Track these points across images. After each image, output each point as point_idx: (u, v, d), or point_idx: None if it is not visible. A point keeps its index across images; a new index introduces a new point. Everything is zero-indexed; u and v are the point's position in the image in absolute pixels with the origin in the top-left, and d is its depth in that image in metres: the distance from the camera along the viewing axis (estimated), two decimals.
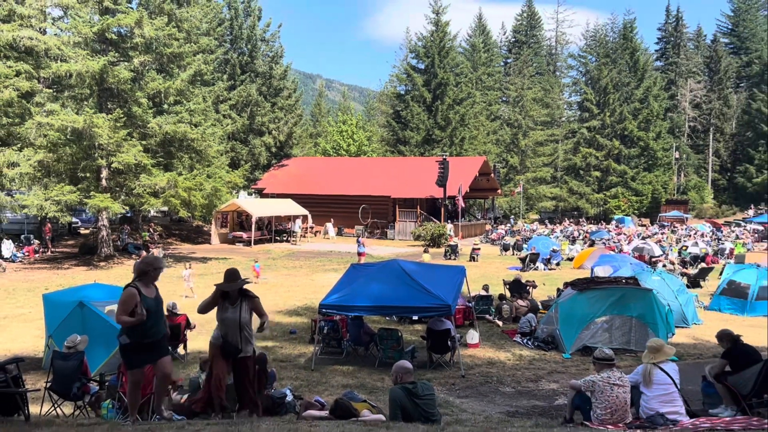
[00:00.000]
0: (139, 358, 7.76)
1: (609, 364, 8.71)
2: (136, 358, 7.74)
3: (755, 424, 7.01)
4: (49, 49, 31.34)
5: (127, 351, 7.72)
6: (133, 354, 7.69)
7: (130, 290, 7.54)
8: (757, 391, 9.30)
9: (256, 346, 15.30)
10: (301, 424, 7.30)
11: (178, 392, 12.09)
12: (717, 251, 39.16)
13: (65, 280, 27.18)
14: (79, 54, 31.29)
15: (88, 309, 14.42)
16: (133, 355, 7.71)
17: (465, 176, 49.51)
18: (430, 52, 67.47)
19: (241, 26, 54.93)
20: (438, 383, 12.75)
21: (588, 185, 74.58)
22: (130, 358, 7.80)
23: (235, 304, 8.31)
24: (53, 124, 29.68)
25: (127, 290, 7.56)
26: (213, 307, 8.38)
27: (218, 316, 8.35)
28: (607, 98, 74.73)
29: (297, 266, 33.24)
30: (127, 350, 7.69)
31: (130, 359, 7.79)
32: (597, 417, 8.30)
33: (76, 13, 32.37)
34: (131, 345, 7.60)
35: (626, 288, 17.25)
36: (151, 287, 7.82)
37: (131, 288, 7.57)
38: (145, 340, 7.62)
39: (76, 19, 32.27)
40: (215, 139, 37.87)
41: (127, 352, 7.73)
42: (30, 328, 18.22)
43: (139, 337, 7.57)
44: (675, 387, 8.53)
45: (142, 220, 45.60)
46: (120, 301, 7.50)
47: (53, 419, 9.45)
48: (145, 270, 7.80)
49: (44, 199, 30.21)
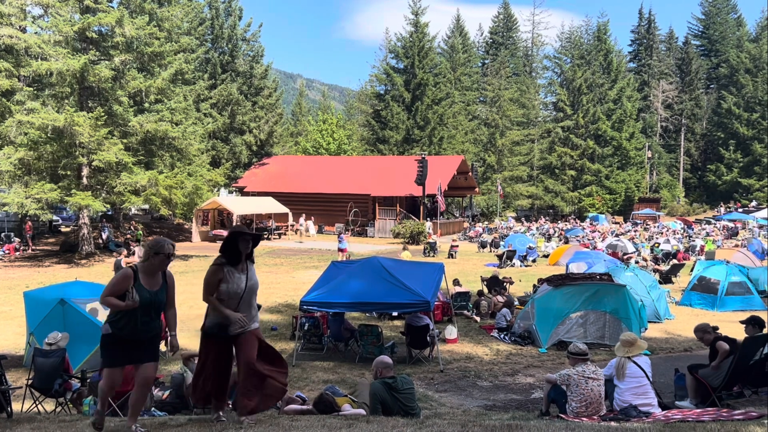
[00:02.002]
0: (118, 355, 6.31)
1: (583, 358, 8.77)
2: (116, 354, 6.30)
3: (724, 415, 7.08)
4: (29, 47, 31.12)
5: (106, 344, 6.31)
6: (112, 349, 6.27)
7: (126, 270, 6.35)
8: (727, 384, 9.40)
9: None
10: (283, 419, 7.28)
11: (160, 389, 12.03)
12: (688, 248, 39.51)
13: (46, 278, 26.93)
14: (60, 52, 31.06)
15: (70, 306, 14.33)
16: (112, 350, 6.28)
17: (444, 175, 49.69)
18: (409, 52, 67.55)
19: (222, 26, 54.71)
20: (417, 378, 12.77)
21: (563, 184, 75.02)
22: (108, 353, 6.34)
23: (243, 270, 6.61)
24: (34, 122, 29.49)
25: (124, 270, 6.41)
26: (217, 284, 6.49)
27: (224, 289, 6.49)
28: (581, 99, 75.21)
29: (278, 263, 33.14)
30: (107, 343, 6.29)
31: (109, 354, 6.34)
32: (572, 410, 8.34)
33: (57, 11, 32.09)
34: (111, 338, 6.24)
35: (600, 284, 17.38)
36: (156, 277, 6.40)
37: (128, 270, 6.34)
38: (130, 336, 6.26)
39: (56, 17, 32.00)
40: (196, 138, 37.68)
41: (106, 346, 6.31)
42: (11, 325, 18.04)
43: (124, 332, 6.22)
44: (647, 380, 8.62)
45: (123, 218, 45.32)
46: (111, 281, 6.37)
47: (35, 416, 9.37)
48: (146, 255, 6.45)
49: (25, 196, 29.97)
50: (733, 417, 6.71)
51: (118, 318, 6.24)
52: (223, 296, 6.42)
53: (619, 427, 5.98)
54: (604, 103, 75.66)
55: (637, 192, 75.65)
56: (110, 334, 6.23)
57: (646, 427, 6.09)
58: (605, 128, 74.45)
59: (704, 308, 21.76)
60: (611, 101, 76.08)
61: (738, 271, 23.71)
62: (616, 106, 76.04)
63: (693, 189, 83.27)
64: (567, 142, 75.70)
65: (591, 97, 75.17)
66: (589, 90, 75.49)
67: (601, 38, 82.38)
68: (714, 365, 9.65)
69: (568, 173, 75.04)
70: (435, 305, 16.35)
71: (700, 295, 22.90)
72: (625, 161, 75.80)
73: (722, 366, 9.50)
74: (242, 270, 6.54)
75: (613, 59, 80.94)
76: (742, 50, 79.02)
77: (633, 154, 76.14)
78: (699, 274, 24.13)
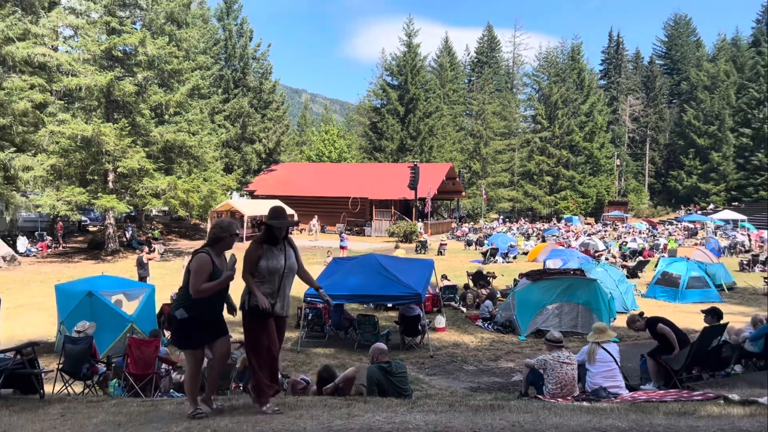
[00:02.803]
0: (198, 336, 5.84)
1: (559, 345, 8.79)
2: (196, 336, 5.82)
3: (685, 395, 7.10)
4: (60, 64, 31.07)
5: (185, 328, 5.80)
6: (193, 332, 5.78)
7: (202, 257, 5.74)
8: (687, 367, 9.43)
9: None
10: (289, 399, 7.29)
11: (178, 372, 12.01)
12: (652, 246, 39.60)
13: (75, 273, 26.87)
14: (88, 69, 31.08)
15: (96, 298, 14.31)
16: (193, 333, 5.79)
17: (434, 180, 49.69)
18: (403, 70, 67.58)
19: (235, 46, 54.64)
20: (410, 363, 12.78)
21: (541, 188, 75.02)
22: (188, 337, 5.84)
23: (281, 249, 6.04)
24: (64, 132, 29.55)
25: (199, 256, 5.75)
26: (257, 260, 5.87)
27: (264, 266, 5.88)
28: (556, 112, 75.24)
29: None
30: (185, 327, 5.78)
31: (189, 338, 5.85)
32: (548, 391, 8.37)
33: (86, 32, 32.14)
34: (190, 321, 5.74)
35: (574, 278, 17.41)
36: (222, 257, 5.92)
37: (203, 254, 5.76)
38: (207, 317, 5.84)
39: (85, 38, 32.05)
40: (211, 147, 37.66)
41: (185, 330, 5.80)
42: (43, 315, 18.01)
43: (201, 314, 5.77)
44: (616, 364, 8.64)
45: (144, 219, 45.25)
46: (193, 270, 5.69)
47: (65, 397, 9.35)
48: (220, 236, 5.89)
49: (56, 199, 30.03)
50: (693, 398, 6.74)
51: (197, 302, 5.68)
52: (264, 273, 5.84)
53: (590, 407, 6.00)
54: (577, 116, 75.73)
55: (607, 196, 75.70)
56: (187, 319, 5.71)
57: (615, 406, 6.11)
58: (578, 139, 74.54)
59: (667, 300, 21.81)
60: (584, 114, 76.15)
61: (697, 267, 23.77)
62: (588, 119, 76.11)
63: (657, 193, 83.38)
64: (544, 151, 75.71)
65: (566, 110, 75.22)
66: (564, 104, 75.55)
67: (575, 58, 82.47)
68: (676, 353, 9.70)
69: (545, 179, 75.06)
70: (425, 297, 16.38)
71: (663, 288, 22.94)
72: (596, 168, 75.89)
73: (682, 351, 9.55)
74: (280, 249, 6.01)
75: (585, 77, 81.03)
76: (701, 69, 79.18)
77: (603, 162, 76.27)
78: (662, 270, 24.16)
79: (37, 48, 29.85)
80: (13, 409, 7.04)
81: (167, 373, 11.72)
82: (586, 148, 74.89)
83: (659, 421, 4.97)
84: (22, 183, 29.94)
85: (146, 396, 10.15)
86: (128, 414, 6.50)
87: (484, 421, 4.89)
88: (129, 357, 11.26)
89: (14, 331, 15.08)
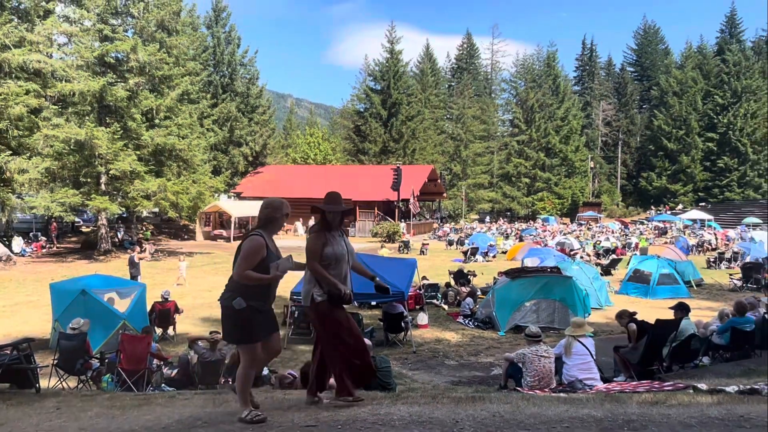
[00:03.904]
0: (260, 328, 4.96)
1: (536, 339, 8.84)
2: (258, 328, 4.94)
3: (656, 386, 7.17)
4: (55, 70, 30.98)
5: (245, 319, 4.86)
6: (255, 323, 4.90)
7: (257, 239, 4.93)
8: (641, 361, 9.52)
9: None
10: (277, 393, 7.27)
11: (169, 368, 11.97)
12: (625, 245, 39.89)
13: (69, 272, 26.68)
14: (82, 75, 30.95)
15: (90, 296, 14.25)
16: (255, 325, 4.90)
17: (416, 182, 49.77)
18: (385, 75, 67.54)
19: (223, 52, 54.39)
20: (393, 358, 12.78)
21: (519, 190, 75.28)
22: (250, 329, 4.90)
23: (339, 235, 5.52)
24: (58, 136, 29.44)
25: (253, 238, 4.94)
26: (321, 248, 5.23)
27: (330, 252, 5.26)
28: (533, 117, 75.56)
29: None
30: (246, 318, 4.86)
31: (250, 330, 4.91)
32: (527, 384, 8.41)
33: (79, 39, 32.09)
34: (251, 312, 4.85)
35: (550, 276, 17.54)
36: (273, 241, 5.12)
37: (258, 237, 4.95)
38: (266, 306, 5.02)
39: (79, 45, 31.98)
40: (200, 150, 37.50)
41: (246, 321, 4.87)
42: (38, 313, 17.88)
43: (261, 302, 4.94)
44: (591, 357, 8.70)
45: (136, 220, 44.95)
46: (246, 251, 4.86)
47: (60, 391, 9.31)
48: (273, 216, 5.12)
49: (50, 201, 29.99)
50: (664, 388, 6.81)
51: (256, 289, 4.89)
52: (330, 259, 5.22)
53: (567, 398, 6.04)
54: (553, 120, 76.02)
55: (582, 197, 76.12)
56: (246, 308, 4.83)
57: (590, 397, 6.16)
58: (554, 142, 74.88)
59: (639, 296, 22.00)
60: (559, 119, 76.46)
61: (667, 265, 23.99)
62: (563, 123, 76.46)
63: (629, 194, 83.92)
64: (522, 153, 75.99)
65: (542, 115, 75.56)
66: (540, 109, 75.89)
67: (551, 64, 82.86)
68: (632, 346, 9.82)
69: (522, 180, 75.34)
70: (408, 295, 16.39)
71: (635, 285, 23.15)
72: (571, 170, 76.29)
73: (639, 346, 9.65)
74: (339, 235, 5.50)
75: (560, 83, 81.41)
76: (670, 76, 79.76)
77: (578, 165, 76.71)
78: (634, 267, 24.38)
79: (33, 54, 29.66)
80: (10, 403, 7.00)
81: (158, 368, 11.70)
82: (561, 151, 75.25)
83: (633, 410, 5.02)
84: (18, 185, 29.80)
85: (138, 390, 10.11)
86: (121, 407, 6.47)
87: (466, 412, 4.91)
88: (122, 353, 11.23)
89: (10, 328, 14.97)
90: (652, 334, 9.67)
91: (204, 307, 19.95)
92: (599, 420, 4.63)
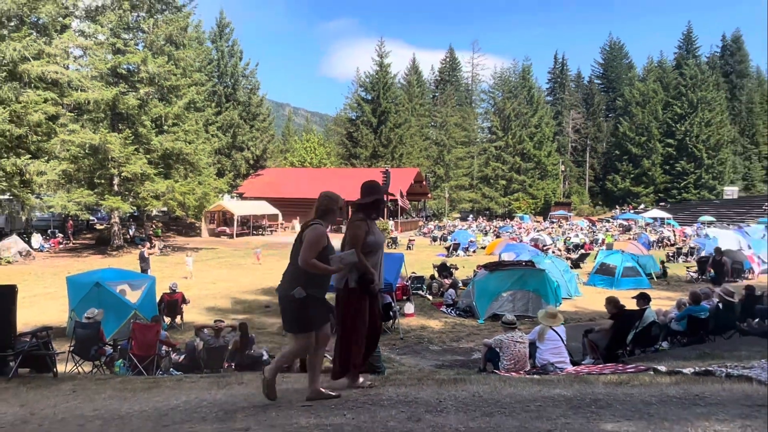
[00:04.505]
0: (317, 316, 4.65)
1: (512, 327, 8.88)
2: (316, 318, 4.64)
3: (620, 368, 7.21)
4: (71, 81, 30.81)
5: (305, 308, 4.56)
6: (313, 312, 4.60)
7: (320, 228, 4.69)
8: (607, 346, 9.58)
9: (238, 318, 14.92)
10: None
11: (177, 353, 11.93)
12: (592, 241, 40.05)
13: (84, 266, 26.49)
14: (96, 85, 30.83)
15: (104, 288, 14.18)
16: (313, 314, 4.60)
17: (403, 183, 49.78)
18: (375, 86, 67.46)
19: (226, 65, 54.19)
20: (382, 344, 12.75)
21: (496, 191, 75.44)
22: (309, 319, 4.60)
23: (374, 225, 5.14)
24: (74, 141, 29.40)
25: (317, 227, 4.68)
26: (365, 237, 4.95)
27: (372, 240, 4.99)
28: (510, 124, 75.71)
29: (271, 254, 32.91)
30: (305, 307, 4.56)
31: (310, 320, 4.61)
32: (504, 367, 8.45)
33: (94, 52, 31.95)
34: (311, 301, 4.57)
35: (525, 269, 17.61)
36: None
37: (320, 226, 4.71)
38: (322, 294, 4.74)
39: (93, 57, 31.83)
40: (205, 154, 37.37)
41: (305, 309, 4.56)
42: (56, 304, 17.75)
43: (319, 291, 4.67)
44: (562, 343, 8.74)
45: (146, 218, 44.73)
46: (309, 240, 4.58)
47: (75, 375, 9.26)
48: (331, 207, 4.87)
49: (67, 200, 29.93)
50: (627, 370, 6.85)
51: (314, 278, 4.59)
52: (371, 247, 4.97)
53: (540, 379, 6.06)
54: (527, 128, 76.23)
55: (553, 197, 76.44)
56: (306, 298, 4.54)
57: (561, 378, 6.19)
58: (528, 147, 75.10)
59: (605, 287, 22.09)
60: (533, 126, 76.69)
61: (630, 259, 24.13)
62: (536, 131, 76.68)
63: (596, 195, 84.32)
64: (499, 158, 76.14)
65: (517, 123, 75.73)
66: (516, 117, 76.06)
67: (525, 77, 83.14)
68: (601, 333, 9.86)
69: (500, 182, 75.51)
70: (396, 287, 16.41)
71: (602, 277, 23.27)
72: (544, 173, 76.55)
73: (606, 332, 9.71)
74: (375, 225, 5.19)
75: (534, 94, 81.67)
76: (633, 88, 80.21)
77: (550, 168, 76.98)
78: (601, 261, 24.50)
79: (50, 66, 29.47)
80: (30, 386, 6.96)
81: (167, 354, 11.65)
82: (535, 156, 75.48)
83: (599, 390, 5.05)
84: (37, 186, 29.65)
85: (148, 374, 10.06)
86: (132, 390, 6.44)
87: (449, 392, 4.92)
88: (133, 340, 11.17)
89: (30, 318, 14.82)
90: (619, 321, 9.73)
91: (209, 298, 19.89)
92: (569, 399, 4.66)
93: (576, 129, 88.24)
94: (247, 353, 11.08)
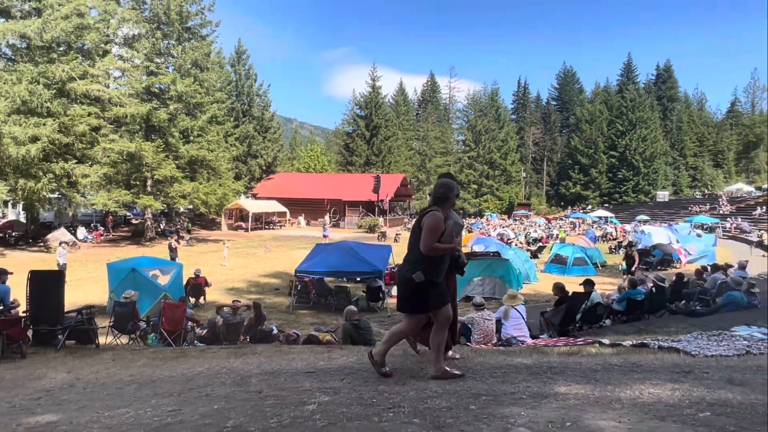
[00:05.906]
0: (434, 300, 4.21)
1: (481, 307, 8.91)
2: (432, 300, 4.20)
3: (571, 341, 7.26)
4: (111, 98, 30.65)
5: (424, 290, 4.18)
6: (430, 295, 4.18)
7: (437, 214, 4.19)
8: (560, 323, 9.64)
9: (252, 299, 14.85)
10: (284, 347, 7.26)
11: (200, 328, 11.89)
12: (548, 235, 40.23)
13: (122, 254, 26.32)
14: (132, 102, 30.68)
15: (139, 273, 14.12)
16: (430, 297, 4.19)
17: (391, 187, 49.82)
18: (368, 105, 67.25)
19: (243, 85, 53.79)
20: (373, 321, 12.79)
21: (469, 193, 75.45)
22: (425, 301, 4.22)
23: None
24: (114, 148, 29.30)
25: (434, 214, 4.19)
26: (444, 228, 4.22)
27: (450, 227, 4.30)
28: (480, 138, 75.77)
29: (280, 245, 32.87)
30: (425, 290, 4.17)
31: (425, 302, 4.22)
32: (475, 340, 8.46)
33: (131, 74, 31.77)
34: (429, 284, 4.17)
35: (493, 258, 17.68)
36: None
37: (437, 212, 4.21)
38: (441, 278, 4.29)
39: (130, 78, 31.66)
40: (225, 161, 37.19)
41: (425, 292, 4.18)
42: (98, 286, 17.64)
43: (438, 275, 4.24)
44: (523, 320, 8.78)
45: (174, 215, 44.47)
46: (428, 226, 4.13)
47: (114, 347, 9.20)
48: (447, 195, 4.34)
49: (107, 199, 29.85)
50: (577, 343, 6.90)
51: (433, 263, 4.20)
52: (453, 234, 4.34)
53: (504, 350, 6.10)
54: (495, 141, 76.31)
55: (516, 199, 76.63)
56: (425, 282, 4.16)
57: (522, 349, 6.23)
58: (496, 158, 75.25)
59: (558, 274, 22.27)
60: (500, 140, 76.79)
61: (580, 250, 24.33)
62: (503, 144, 76.80)
63: (551, 197, 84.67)
64: (471, 166, 76.21)
65: (487, 137, 75.80)
66: (485, 132, 76.15)
67: (494, 99, 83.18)
68: (554, 311, 9.92)
69: (472, 186, 75.59)
70: (385, 273, 16.43)
71: (556, 266, 23.43)
72: (508, 179, 76.74)
73: (559, 311, 9.76)
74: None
75: (501, 113, 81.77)
76: (583, 108, 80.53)
77: (514, 175, 77.15)
78: (555, 252, 24.67)
79: (94, 85, 29.32)
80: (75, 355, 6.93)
81: (192, 329, 11.62)
82: (501, 165, 75.63)
83: (554, 359, 5.09)
84: (82, 186, 29.53)
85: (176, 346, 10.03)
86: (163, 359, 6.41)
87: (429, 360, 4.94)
88: (163, 317, 11.13)
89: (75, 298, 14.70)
90: (570, 302, 9.79)
91: (228, 281, 19.83)
92: (529, 366, 4.69)
93: (536, 142, 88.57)
94: (260, 328, 11.07)
